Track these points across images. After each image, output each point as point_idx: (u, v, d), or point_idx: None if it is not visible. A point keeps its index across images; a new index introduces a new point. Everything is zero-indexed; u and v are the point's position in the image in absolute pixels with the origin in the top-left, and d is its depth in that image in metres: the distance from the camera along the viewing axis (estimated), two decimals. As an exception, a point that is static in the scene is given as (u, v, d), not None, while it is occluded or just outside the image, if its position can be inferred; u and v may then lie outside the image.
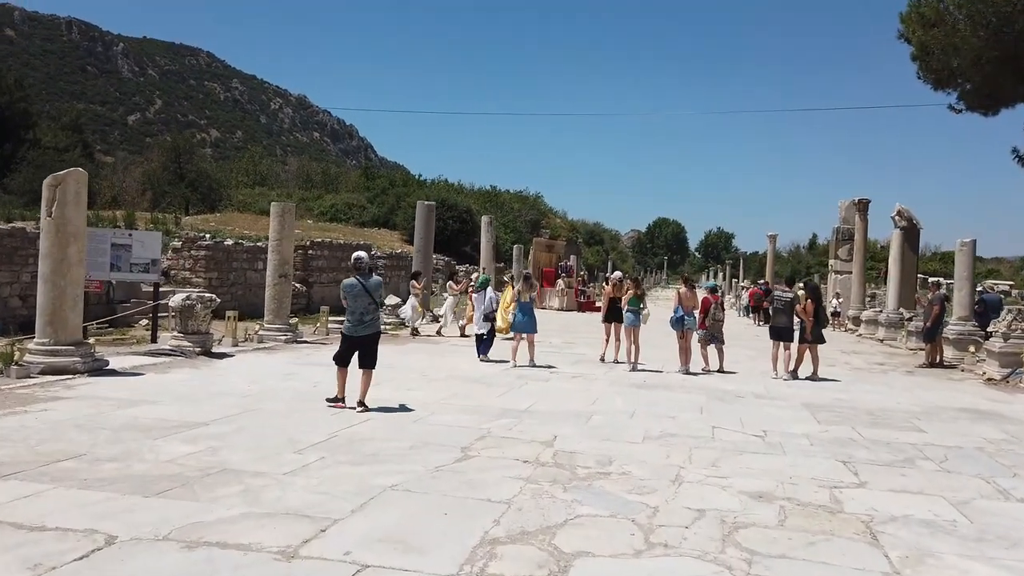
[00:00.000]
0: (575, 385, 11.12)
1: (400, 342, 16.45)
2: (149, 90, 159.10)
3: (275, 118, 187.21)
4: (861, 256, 27.54)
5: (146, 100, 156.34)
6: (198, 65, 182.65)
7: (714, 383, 11.95)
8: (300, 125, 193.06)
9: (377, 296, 8.50)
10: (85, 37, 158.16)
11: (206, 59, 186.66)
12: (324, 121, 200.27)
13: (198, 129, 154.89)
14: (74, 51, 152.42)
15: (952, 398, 11.52)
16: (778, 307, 13.26)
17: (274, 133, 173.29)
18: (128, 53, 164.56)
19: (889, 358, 17.82)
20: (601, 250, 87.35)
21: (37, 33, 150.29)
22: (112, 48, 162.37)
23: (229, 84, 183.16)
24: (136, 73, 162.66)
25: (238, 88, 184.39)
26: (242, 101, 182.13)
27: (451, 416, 8.23)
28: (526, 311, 13.63)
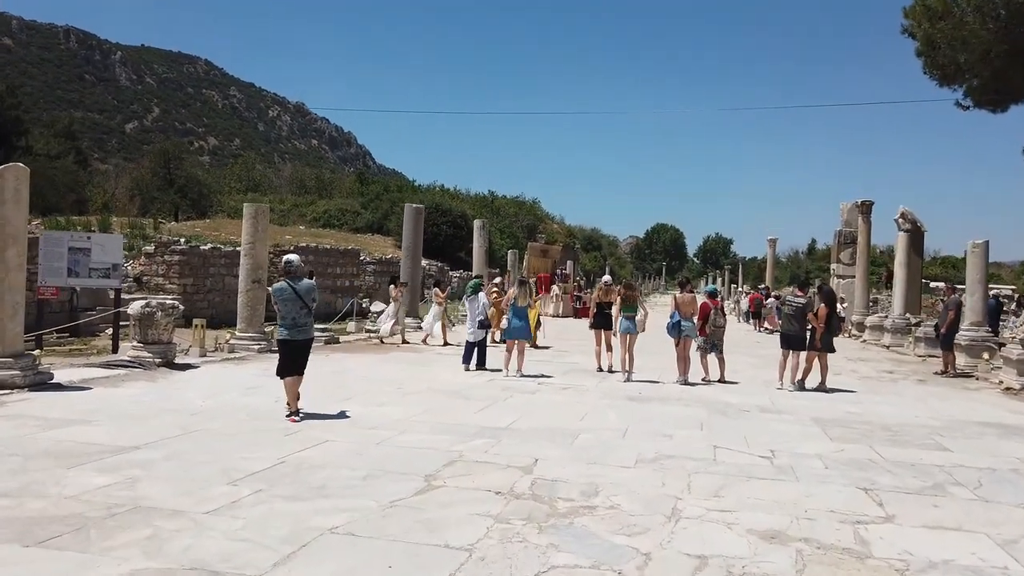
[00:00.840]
0: (564, 398, 10.24)
1: (381, 351, 15.56)
2: (147, 98, 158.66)
3: (273, 125, 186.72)
4: (864, 259, 26.68)
5: (144, 108, 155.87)
6: (196, 73, 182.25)
7: (715, 395, 11.07)
8: (298, 132, 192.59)
9: (309, 300, 8.12)
10: (83, 45, 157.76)
11: (204, 67, 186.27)
12: (322, 128, 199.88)
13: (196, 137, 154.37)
14: (72, 59, 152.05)
15: (972, 410, 10.64)
16: (789, 313, 12.31)
17: (272, 140, 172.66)
18: (126, 61, 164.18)
19: (898, 366, 16.94)
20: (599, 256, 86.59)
21: (35, 41, 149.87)
22: (110, 56, 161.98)
23: (227, 92, 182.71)
24: (134, 81, 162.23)
25: (236, 96, 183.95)
26: (240, 109, 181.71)
27: (421, 436, 7.34)
28: (521, 316, 12.79)
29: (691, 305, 12.43)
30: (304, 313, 8.09)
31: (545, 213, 78.56)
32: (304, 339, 8.15)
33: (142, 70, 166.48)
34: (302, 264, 8.73)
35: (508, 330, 13.02)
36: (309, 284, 8.35)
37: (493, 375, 12.19)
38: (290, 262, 8.37)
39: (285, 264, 8.40)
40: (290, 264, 8.33)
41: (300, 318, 8.07)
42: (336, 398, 9.32)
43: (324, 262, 24.50)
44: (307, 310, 8.14)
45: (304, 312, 8.09)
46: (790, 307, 12.36)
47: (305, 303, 8.09)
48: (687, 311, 12.34)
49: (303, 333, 8.12)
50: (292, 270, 8.26)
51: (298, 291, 8.07)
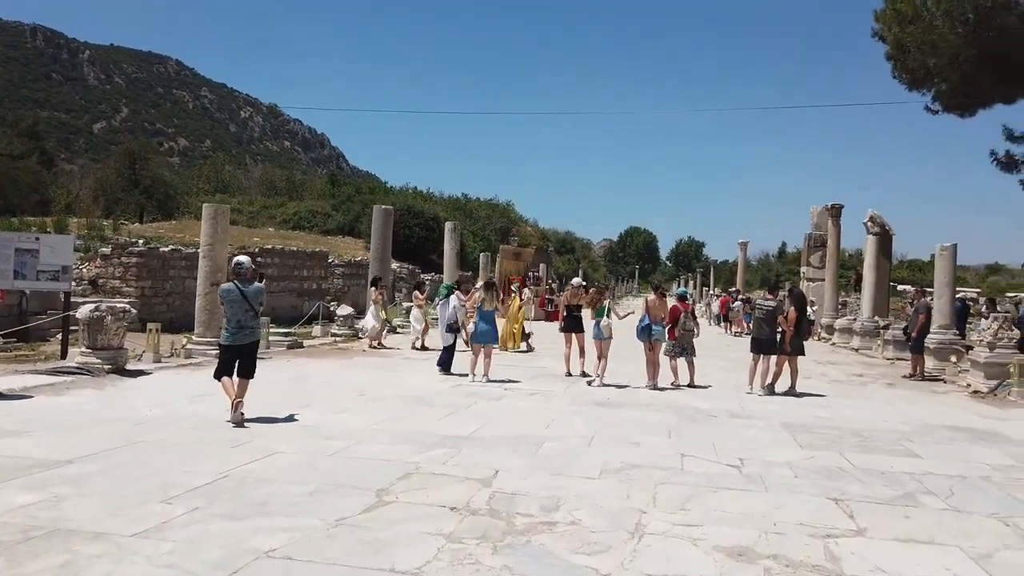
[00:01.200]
0: (531, 404, 9.97)
1: (347, 356, 15.18)
2: (115, 98, 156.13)
3: (245, 127, 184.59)
4: (834, 263, 26.81)
5: (112, 108, 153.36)
6: (166, 73, 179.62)
7: (684, 400, 10.86)
8: (271, 134, 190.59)
9: (256, 303, 8.13)
10: (50, 44, 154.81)
11: (175, 67, 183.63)
12: (295, 130, 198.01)
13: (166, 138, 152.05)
14: (38, 58, 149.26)
15: (941, 414, 10.55)
16: (760, 316, 12.15)
17: (244, 142, 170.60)
18: (94, 60, 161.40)
19: (867, 369, 16.92)
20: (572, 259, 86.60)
21: (0, 40, 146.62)
22: (78, 55, 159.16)
23: (198, 92, 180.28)
24: (102, 81, 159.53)
25: (207, 96, 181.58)
26: (211, 109, 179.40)
27: (378, 446, 7.02)
28: (488, 320, 12.50)
29: (662, 309, 12.24)
30: (250, 316, 8.07)
31: (519, 216, 78.39)
32: (250, 342, 8.13)
33: (111, 69, 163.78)
34: (252, 266, 8.63)
35: (474, 334, 12.73)
36: (257, 287, 8.31)
37: (460, 380, 11.89)
38: (239, 264, 8.30)
39: (235, 266, 8.33)
40: (239, 266, 8.27)
41: (246, 321, 8.04)
42: (294, 405, 8.96)
43: (291, 264, 24.02)
44: (253, 312, 8.11)
45: (251, 315, 8.07)
46: (760, 310, 12.21)
47: (252, 306, 8.07)
48: (657, 315, 12.14)
49: (249, 336, 8.10)
50: (241, 272, 8.21)
51: (246, 293, 8.04)
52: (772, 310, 11.94)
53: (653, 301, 12.26)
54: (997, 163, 21.37)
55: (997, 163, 21.37)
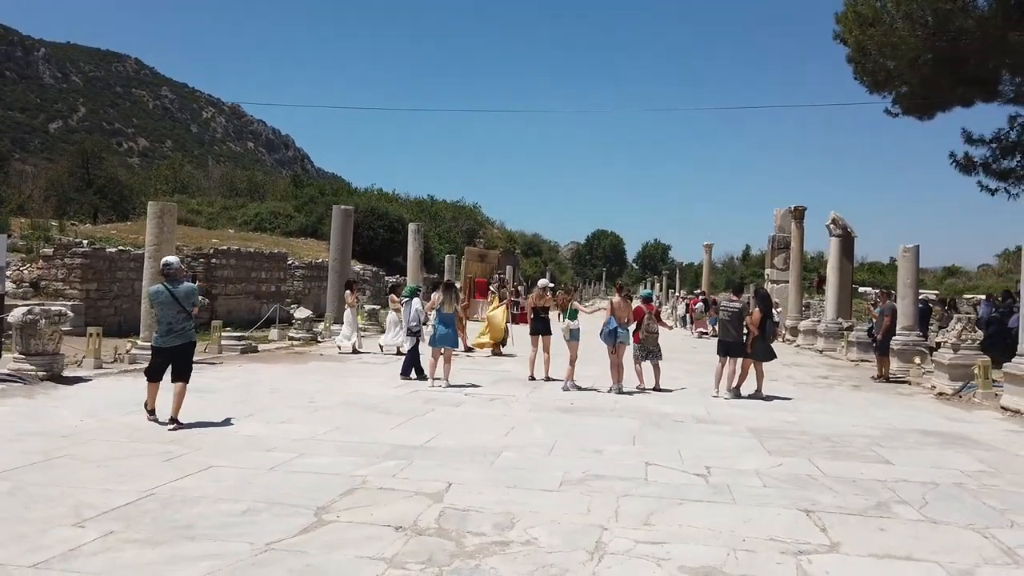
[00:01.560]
0: (491, 410, 9.56)
1: (302, 360, 14.62)
2: (72, 97, 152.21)
3: (207, 127, 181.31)
4: (798, 265, 26.87)
5: (69, 107, 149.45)
6: (125, 72, 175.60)
7: (650, 404, 10.56)
8: (234, 135, 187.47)
9: (187, 304, 7.94)
10: (3, 41, 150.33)
11: (134, 66, 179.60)
12: (259, 131, 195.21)
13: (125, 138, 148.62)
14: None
15: (909, 417, 10.38)
16: (725, 319, 11.89)
17: (206, 143, 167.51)
18: (50, 58, 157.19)
19: (832, 371, 16.84)
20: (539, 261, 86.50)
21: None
22: (32, 53, 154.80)
23: (158, 92, 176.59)
24: (59, 79, 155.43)
25: (168, 96, 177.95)
26: (172, 110, 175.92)
27: (323, 458, 6.56)
28: (447, 323, 12.09)
29: (627, 310, 11.94)
30: (182, 318, 7.91)
31: (485, 218, 78.05)
32: (179, 344, 7.90)
33: (67, 68, 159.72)
34: (182, 267, 8.55)
35: (433, 337, 12.35)
36: (188, 287, 8.11)
37: (419, 386, 11.45)
38: (168, 264, 8.18)
39: (163, 267, 8.25)
40: (168, 266, 8.15)
41: (177, 323, 7.87)
42: (238, 414, 8.45)
43: (247, 266, 23.31)
44: (185, 314, 7.94)
45: (182, 316, 7.91)
46: (725, 312, 11.96)
47: (183, 307, 7.91)
48: (622, 317, 11.84)
49: (180, 338, 7.91)
50: (170, 272, 8.07)
51: (175, 294, 7.88)
52: (738, 312, 11.73)
53: (618, 303, 11.95)
54: (956, 165, 21.55)
55: (956, 165, 21.55)
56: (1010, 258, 53.23)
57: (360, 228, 47.08)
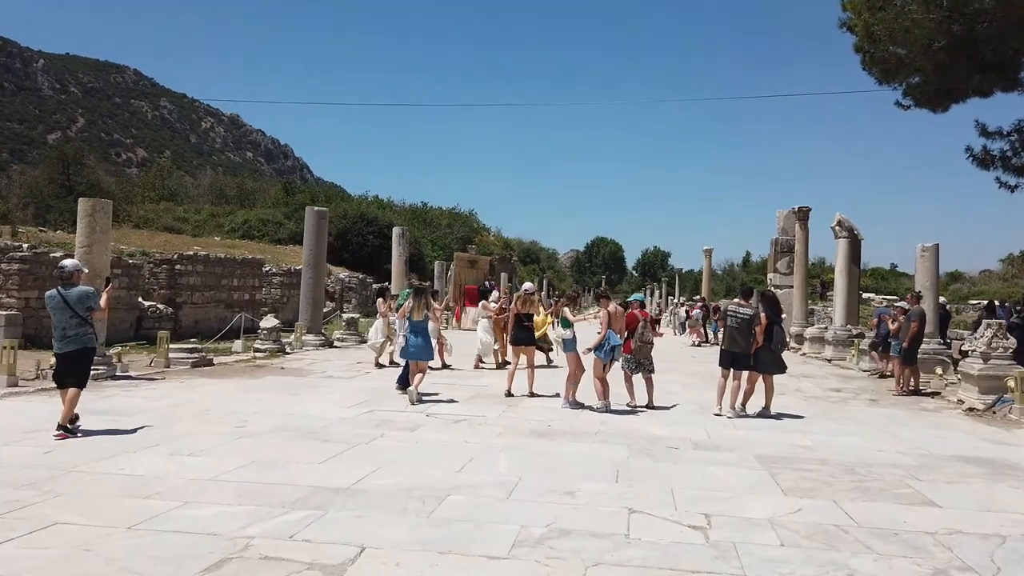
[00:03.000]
0: (452, 435, 8.11)
1: (257, 374, 13.15)
2: (71, 108, 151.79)
3: (206, 137, 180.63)
4: (803, 268, 25.43)
5: (68, 118, 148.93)
6: (124, 83, 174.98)
7: (641, 426, 9.09)
8: (233, 144, 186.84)
9: (79, 309, 7.57)
10: (2, 53, 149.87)
11: (133, 77, 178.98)
12: (258, 140, 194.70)
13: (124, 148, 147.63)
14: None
15: (941, 439, 8.92)
16: (733, 326, 10.18)
17: (205, 153, 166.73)
18: (48, 70, 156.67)
19: (844, 382, 15.36)
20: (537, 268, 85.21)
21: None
22: (32, 64, 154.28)
23: (157, 103, 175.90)
24: (57, 90, 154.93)
25: (167, 107, 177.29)
26: (171, 120, 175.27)
27: (212, 508, 5.10)
28: (418, 332, 10.70)
29: (622, 320, 10.46)
30: (75, 323, 7.55)
31: (481, 225, 76.79)
32: (75, 349, 7.53)
33: (66, 79, 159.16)
34: (80, 269, 8.04)
35: (403, 349, 10.97)
36: (81, 291, 7.70)
37: (375, 405, 10.00)
38: (63, 267, 7.86)
39: (58, 269, 7.93)
40: (62, 269, 7.83)
41: (70, 328, 7.53)
42: (141, 445, 7.01)
43: (217, 273, 21.86)
44: (79, 319, 7.58)
45: (75, 321, 7.55)
46: (734, 319, 10.26)
47: (75, 312, 7.55)
48: (618, 327, 10.36)
49: (73, 343, 7.53)
50: (64, 275, 7.74)
51: (67, 299, 7.54)
52: (749, 319, 10.13)
53: (614, 311, 10.44)
54: (973, 159, 20.16)
55: (973, 159, 20.16)
56: (1014, 262, 51.73)
57: (349, 235, 45.86)
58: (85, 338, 7.60)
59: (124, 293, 17.67)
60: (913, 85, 19.95)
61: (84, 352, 7.61)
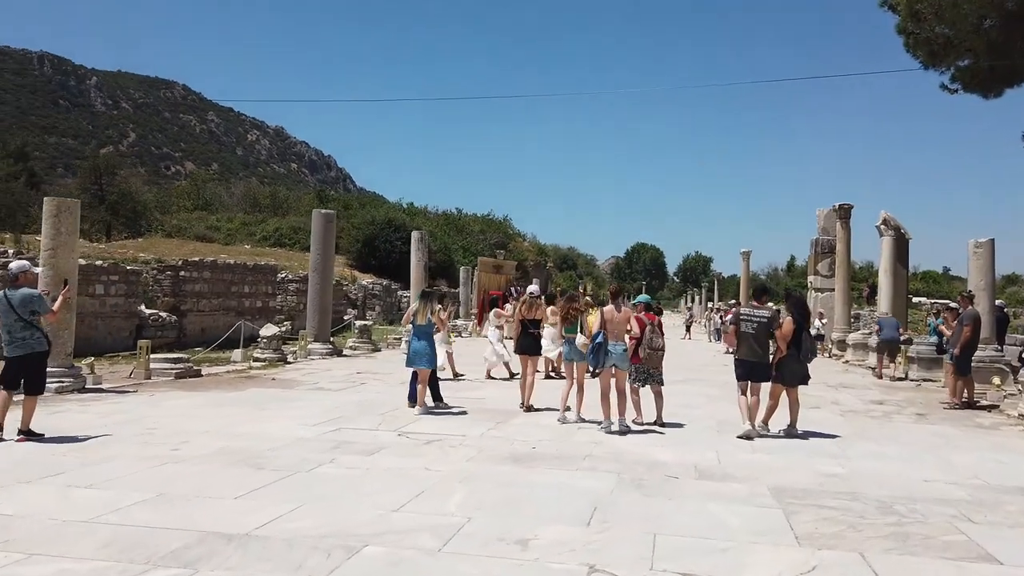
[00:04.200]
0: (414, 460, 6.99)
1: (242, 386, 12.21)
2: (122, 123, 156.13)
3: (252, 150, 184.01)
4: (845, 269, 23.77)
5: (119, 133, 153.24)
6: (173, 98, 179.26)
7: (642, 448, 7.86)
8: (277, 156, 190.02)
9: (23, 312, 7.40)
10: (57, 71, 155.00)
11: (181, 92, 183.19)
12: (302, 152, 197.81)
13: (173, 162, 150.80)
14: (46, 85, 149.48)
15: (1001, 465, 7.51)
16: (748, 332, 8.77)
17: (251, 165, 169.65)
18: (101, 86, 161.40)
19: (889, 393, 13.84)
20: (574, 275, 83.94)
21: (8, 67, 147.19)
22: (85, 82, 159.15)
23: (205, 116, 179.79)
24: (109, 106, 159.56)
25: (214, 120, 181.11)
26: (218, 133, 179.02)
27: (56, 564, 4.07)
28: (422, 336, 9.85)
29: (623, 323, 9.23)
30: (20, 326, 7.40)
31: (516, 231, 75.86)
32: (22, 354, 7.38)
33: (118, 95, 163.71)
34: (27, 270, 7.72)
35: (408, 356, 10.03)
36: (26, 293, 7.51)
37: (348, 423, 8.95)
38: (9, 268, 7.83)
39: (6, 271, 7.98)
40: (8, 271, 7.80)
41: (15, 331, 7.39)
42: (40, 472, 6.05)
43: (226, 280, 21.18)
44: (23, 322, 7.41)
45: (20, 325, 7.40)
46: (749, 323, 8.91)
47: (19, 315, 7.39)
48: (618, 331, 9.15)
49: (20, 348, 7.38)
50: (11, 277, 7.64)
51: (11, 301, 7.41)
52: (765, 322, 8.81)
53: (611, 311, 9.27)
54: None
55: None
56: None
57: (376, 241, 45.21)
58: (32, 342, 7.43)
59: (122, 301, 17.02)
60: (962, 68, 18.32)
61: (31, 358, 7.43)
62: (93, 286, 16.23)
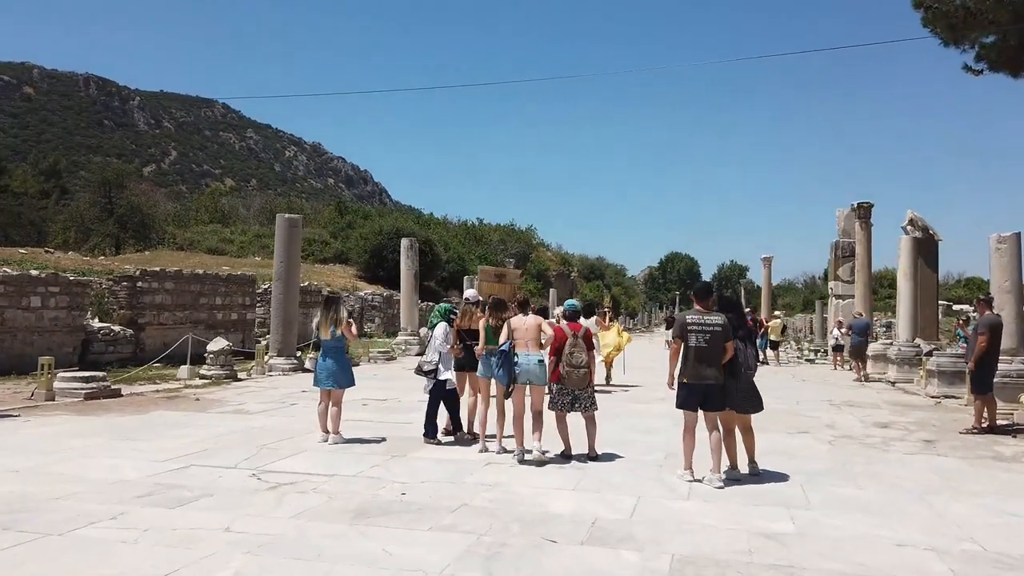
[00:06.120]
0: (224, 515, 5.44)
1: (152, 408, 10.80)
2: (164, 142, 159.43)
3: (289, 166, 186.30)
4: (865, 274, 21.69)
5: (161, 152, 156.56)
6: (213, 116, 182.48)
7: (541, 493, 6.20)
8: (315, 172, 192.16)
9: None
10: (102, 92, 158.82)
11: (221, 110, 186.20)
12: (339, 167, 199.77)
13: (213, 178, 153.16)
14: (91, 106, 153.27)
15: (1008, 520, 5.68)
16: (700, 344, 6.87)
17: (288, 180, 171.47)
18: (144, 106, 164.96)
19: (900, 413, 11.91)
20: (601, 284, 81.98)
21: (55, 89, 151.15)
22: (128, 102, 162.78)
23: (244, 134, 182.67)
24: (152, 125, 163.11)
25: (252, 137, 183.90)
26: (256, 150, 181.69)
27: None
28: (327, 353, 8.46)
29: (533, 332, 7.63)
30: None
31: (540, 241, 74.32)
32: None
33: (160, 114, 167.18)
34: None
35: (315, 375, 8.62)
36: None
37: (210, 458, 7.46)
38: None
39: None
40: None
41: None
42: None
43: (193, 291, 19.95)
44: None
45: None
46: (702, 334, 6.88)
47: None
48: (526, 339, 7.56)
49: None
50: None
51: None
52: (720, 332, 7.00)
53: (519, 320, 7.68)
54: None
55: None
56: None
57: (384, 251, 44.04)
58: None
59: (63, 314, 15.85)
60: (987, 45, 16.31)
61: None
62: (27, 298, 15.06)
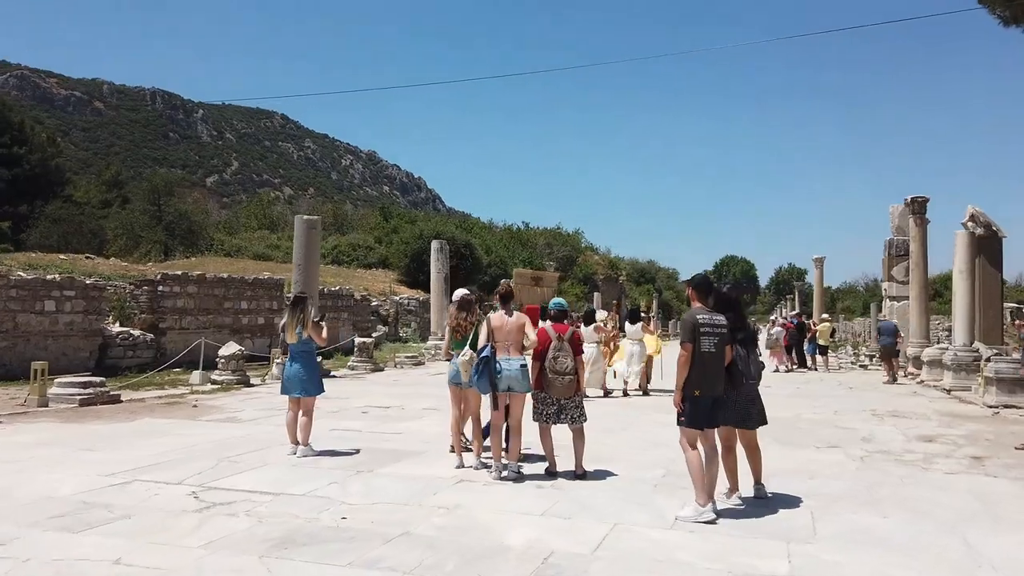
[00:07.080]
0: (129, 542, 4.84)
1: (144, 415, 10.41)
2: (226, 153, 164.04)
3: (346, 174, 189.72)
4: (921, 273, 20.20)
5: (223, 162, 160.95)
6: (273, 127, 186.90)
7: (502, 519, 5.43)
8: (370, 180, 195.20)
9: None
10: (168, 106, 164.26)
11: (280, 121, 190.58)
12: (393, 175, 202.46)
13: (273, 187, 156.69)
14: (157, 119, 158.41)
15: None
16: (709, 351, 5.80)
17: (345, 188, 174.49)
18: (207, 119, 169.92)
19: (949, 425, 10.70)
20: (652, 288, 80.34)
21: (124, 104, 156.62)
22: (192, 115, 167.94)
23: (302, 144, 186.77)
24: (214, 137, 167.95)
25: (310, 147, 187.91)
26: (314, 159, 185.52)
27: None
28: (295, 358, 7.92)
29: (515, 334, 6.86)
30: None
31: (588, 244, 73.25)
32: None
33: (222, 126, 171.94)
34: None
35: (283, 382, 8.08)
36: None
37: (144, 476, 6.91)
38: None
39: None
40: None
41: None
42: None
43: (217, 295, 19.76)
44: None
45: None
46: (712, 336, 5.82)
47: None
48: (511, 344, 6.81)
49: None
50: None
51: None
52: (726, 334, 6.04)
53: (499, 318, 6.91)
54: None
55: None
56: None
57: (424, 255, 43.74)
58: None
59: (79, 318, 15.73)
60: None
61: None
62: (42, 302, 14.95)
